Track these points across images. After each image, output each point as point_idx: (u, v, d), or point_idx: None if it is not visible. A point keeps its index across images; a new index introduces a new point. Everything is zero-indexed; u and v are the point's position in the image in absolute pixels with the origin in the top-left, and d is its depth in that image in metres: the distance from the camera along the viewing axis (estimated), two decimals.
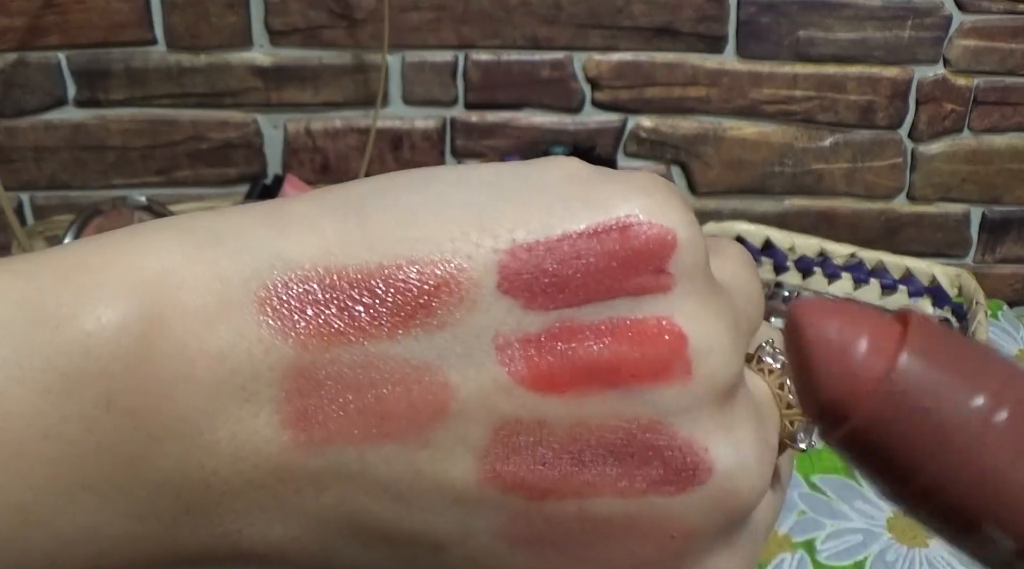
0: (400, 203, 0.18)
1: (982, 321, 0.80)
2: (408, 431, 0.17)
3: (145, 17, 0.88)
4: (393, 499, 0.17)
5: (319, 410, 0.17)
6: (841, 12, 0.90)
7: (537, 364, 0.17)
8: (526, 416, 0.17)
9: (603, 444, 0.18)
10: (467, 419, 0.17)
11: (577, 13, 0.89)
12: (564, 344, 0.17)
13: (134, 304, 0.16)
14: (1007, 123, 0.95)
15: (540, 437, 0.17)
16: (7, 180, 0.90)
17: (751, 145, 0.95)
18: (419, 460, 0.17)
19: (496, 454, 0.17)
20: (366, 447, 0.17)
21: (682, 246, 0.18)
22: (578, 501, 0.18)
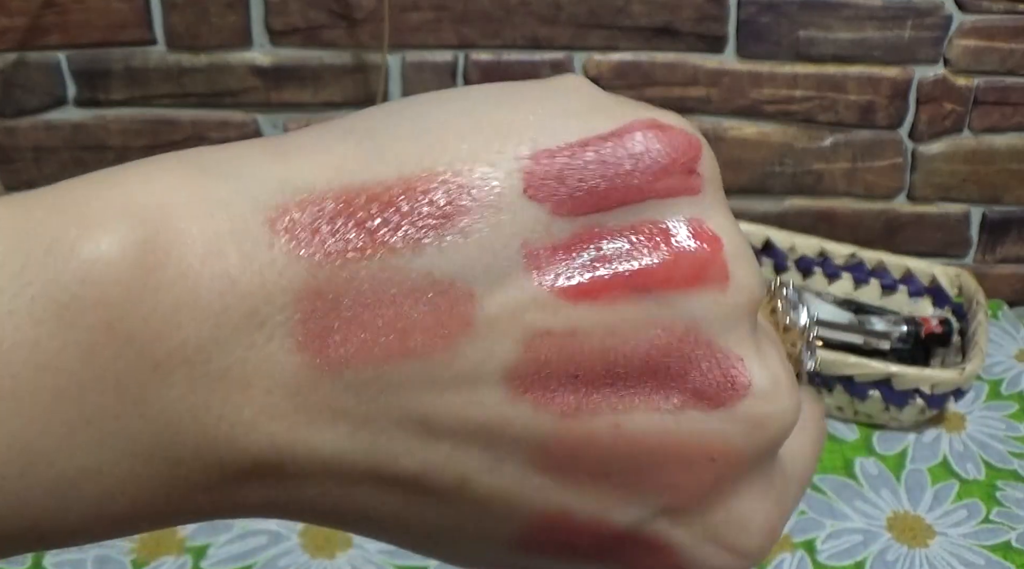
0: (412, 121, 0.17)
1: (982, 321, 0.80)
2: (432, 347, 0.16)
3: (145, 17, 0.88)
4: (416, 427, 0.16)
5: (337, 330, 0.16)
6: (841, 12, 0.90)
7: (567, 271, 0.16)
8: (557, 327, 0.16)
9: (638, 355, 0.17)
10: (495, 332, 0.16)
11: (577, 13, 0.89)
12: (595, 250, 0.17)
13: (133, 231, 0.15)
14: (1007, 123, 0.95)
15: (572, 350, 0.16)
16: (7, 180, 0.90)
17: (751, 145, 0.95)
18: (444, 380, 0.16)
19: (526, 370, 0.16)
20: (387, 367, 0.16)
21: (706, 150, 0.18)
22: (613, 418, 0.17)
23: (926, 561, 0.66)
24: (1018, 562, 0.67)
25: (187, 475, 0.16)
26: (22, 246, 0.15)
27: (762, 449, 0.18)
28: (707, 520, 0.18)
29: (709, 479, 0.18)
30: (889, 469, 0.74)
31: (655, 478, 0.17)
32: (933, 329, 0.82)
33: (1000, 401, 0.84)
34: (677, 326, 0.17)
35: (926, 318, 0.83)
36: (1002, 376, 0.87)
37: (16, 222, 0.15)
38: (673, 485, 0.17)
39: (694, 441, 0.17)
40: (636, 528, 0.18)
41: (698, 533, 0.18)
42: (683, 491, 0.18)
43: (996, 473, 0.75)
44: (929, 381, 0.73)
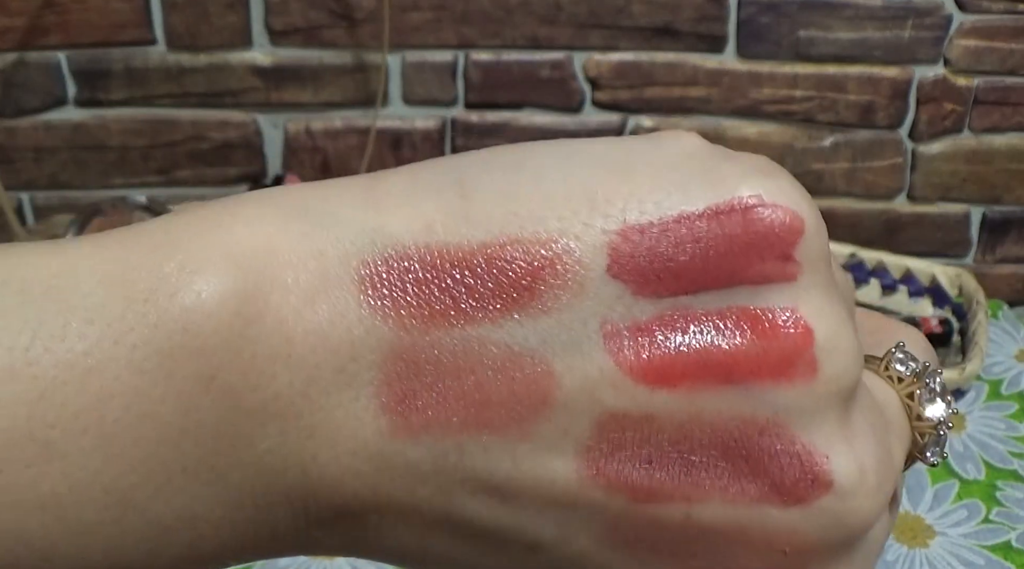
0: (504, 178, 0.17)
1: (982, 321, 0.80)
2: (509, 421, 0.16)
3: (145, 17, 0.88)
4: (491, 494, 0.16)
5: (418, 395, 0.16)
6: (841, 12, 0.90)
7: (648, 354, 0.16)
8: (634, 410, 0.16)
9: (715, 445, 0.16)
10: (571, 411, 0.16)
11: (577, 13, 0.89)
12: (678, 334, 0.16)
13: (232, 278, 0.16)
14: (1007, 123, 0.95)
15: (648, 434, 0.16)
16: (7, 180, 0.90)
17: (751, 145, 0.95)
18: (519, 453, 0.16)
19: (600, 450, 0.16)
20: (465, 437, 0.16)
21: (809, 232, 0.17)
22: (685, 506, 0.16)
23: (926, 561, 0.66)
24: (1018, 562, 0.67)
25: (275, 521, 0.16)
26: (121, 291, 0.15)
27: (839, 543, 0.17)
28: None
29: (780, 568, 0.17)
30: None
31: (724, 564, 0.17)
32: (933, 329, 0.82)
33: (1000, 401, 0.84)
34: (759, 418, 0.16)
35: (926, 318, 0.83)
36: (1002, 376, 0.87)
37: (114, 266, 0.15)
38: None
39: (767, 535, 0.17)
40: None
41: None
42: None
43: (996, 473, 0.75)
44: None
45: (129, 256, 0.16)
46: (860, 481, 0.17)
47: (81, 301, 0.15)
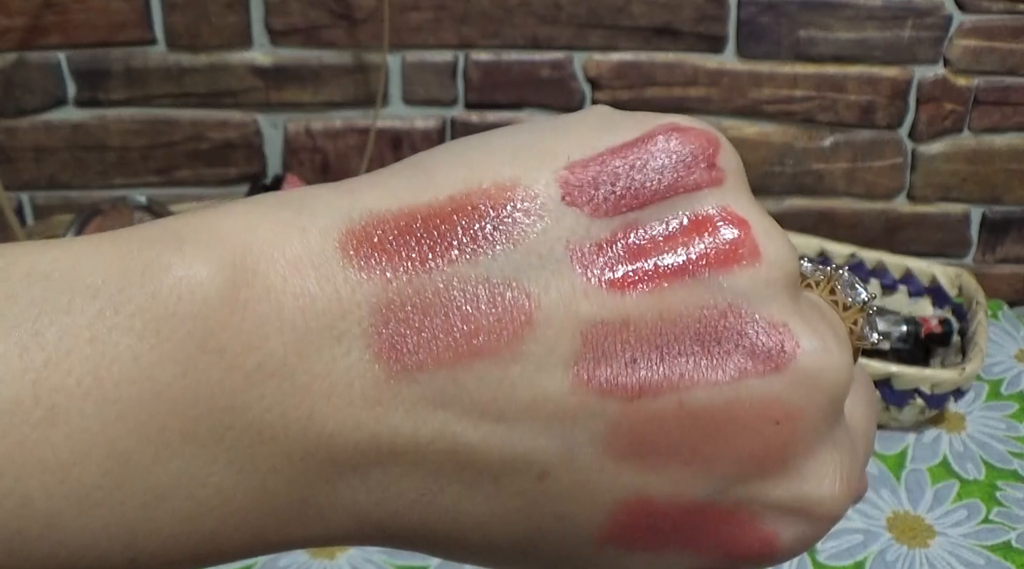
0: (458, 152, 0.20)
1: (982, 321, 0.80)
2: (498, 346, 0.17)
3: (145, 17, 0.88)
4: (492, 422, 0.17)
5: (408, 339, 0.17)
6: (841, 12, 0.90)
7: (612, 265, 0.18)
8: (610, 317, 0.18)
9: (688, 335, 0.18)
10: (554, 327, 0.18)
11: (577, 13, 0.89)
12: (635, 244, 0.18)
13: (222, 254, 0.17)
14: (1007, 123, 0.95)
15: (627, 337, 0.18)
16: (7, 180, 0.90)
17: (751, 145, 0.95)
18: (512, 375, 0.17)
19: (587, 359, 0.18)
20: (458, 369, 0.17)
21: (724, 146, 0.20)
22: (675, 395, 0.18)
23: (926, 561, 0.66)
24: (1018, 562, 0.67)
25: (276, 488, 0.17)
26: (120, 270, 0.16)
27: (823, 405, 0.19)
28: (782, 484, 0.19)
29: (778, 443, 0.19)
30: (889, 469, 0.74)
31: (725, 448, 0.18)
32: (933, 329, 0.82)
33: (1000, 401, 0.84)
34: (720, 304, 0.18)
35: (926, 318, 0.83)
36: (1002, 376, 0.87)
37: (112, 249, 0.17)
38: (744, 453, 0.18)
39: (756, 406, 0.18)
40: (714, 500, 0.18)
41: (775, 497, 0.19)
42: (754, 458, 0.18)
43: (996, 473, 0.75)
44: (929, 381, 0.73)
45: (126, 243, 0.17)
46: (822, 344, 0.19)
47: (83, 280, 0.16)
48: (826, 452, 0.19)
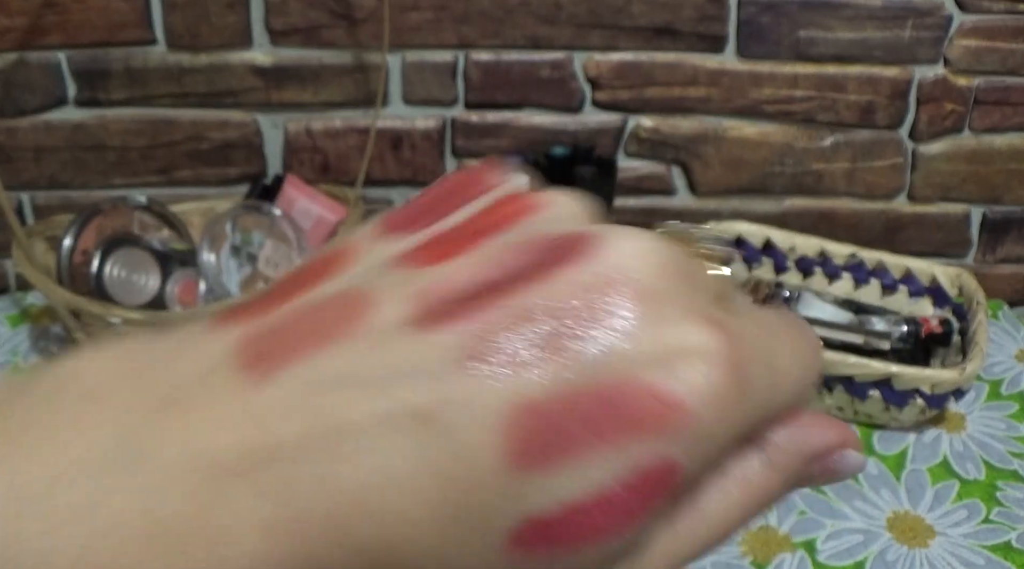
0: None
1: (982, 321, 0.80)
2: (338, 325, 0.19)
3: (145, 17, 0.88)
4: (358, 389, 0.17)
5: (265, 344, 0.18)
6: (841, 12, 0.90)
7: (426, 251, 0.20)
8: (433, 286, 0.19)
9: (505, 275, 0.19)
10: (387, 301, 0.19)
11: (577, 13, 0.89)
12: (442, 234, 0.20)
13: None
14: (1007, 123, 0.95)
15: (454, 293, 0.19)
16: (7, 180, 0.90)
17: (751, 145, 0.95)
18: (360, 350, 0.18)
19: (421, 314, 0.19)
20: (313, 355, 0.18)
21: (504, 168, 0.22)
22: (520, 299, 0.19)
23: (926, 561, 0.66)
24: (1018, 562, 0.66)
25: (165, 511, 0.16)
26: None
27: (656, 274, 0.19)
28: (646, 338, 0.18)
29: (628, 309, 0.18)
30: (889, 469, 0.74)
31: (582, 344, 0.18)
32: (933, 329, 0.82)
33: (1000, 401, 0.84)
34: (524, 244, 0.19)
35: (926, 318, 0.83)
36: (1002, 376, 0.87)
37: None
38: (603, 331, 0.18)
39: (582, 292, 0.18)
40: (589, 380, 0.18)
41: (646, 352, 0.18)
42: (615, 334, 0.18)
43: (996, 473, 0.75)
44: (929, 381, 0.73)
45: None
46: (627, 231, 0.19)
47: None
48: (688, 308, 0.19)
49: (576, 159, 0.83)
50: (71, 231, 0.77)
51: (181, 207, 0.88)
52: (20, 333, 0.89)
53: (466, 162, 0.95)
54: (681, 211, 0.98)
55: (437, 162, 0.95)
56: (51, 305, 0.77)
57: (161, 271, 0.80)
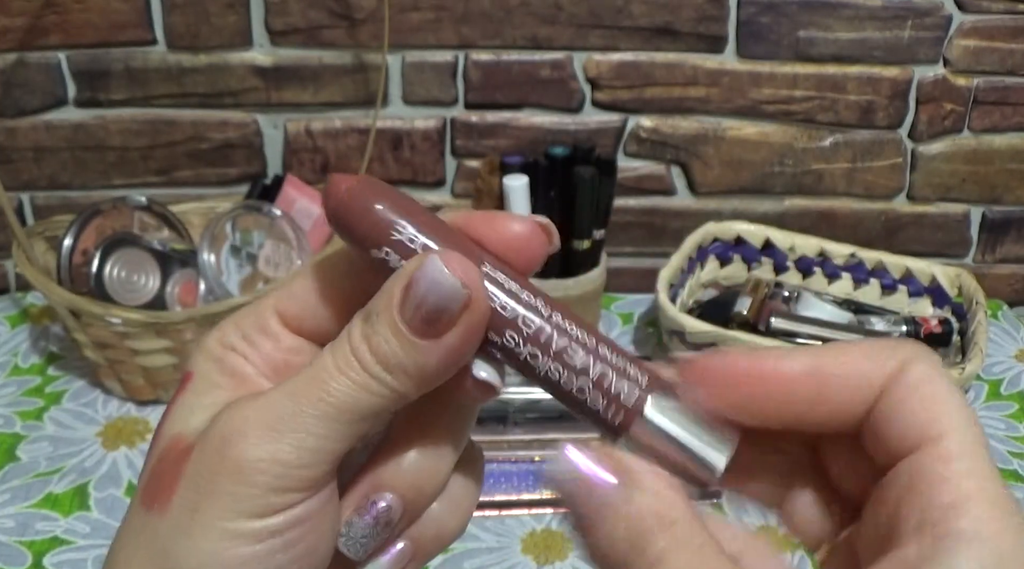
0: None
1: (982, 321, 0.80)
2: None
3: (145, 17, 0.88)
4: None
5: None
6: (841, 12, 0.90)
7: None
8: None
9: None
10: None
11: (577, 13, 0.89)
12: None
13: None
14: (1007, 123, 0.95)
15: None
16: (7, 180, 0.90)
17: (751, 145, 0.95)
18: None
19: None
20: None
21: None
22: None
23: None
24: None
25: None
26: None
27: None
28: None
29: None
30: None
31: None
32: (933, 329, 0.82)
33: (1000, 401, 0.84)
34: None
35: (926, 318, 0.83)
36: (1002, 376, 0.87)
37: None
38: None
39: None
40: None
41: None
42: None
43: None
44: None
45: None
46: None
47: None
48: None
49: (576, 159, 0.83)
50: (71, 231, 0.77)
51: (181, 207, 0.88)
52: (20, 333, 0.89)
53: (466, 162, 0.95)
54: (681, 211, 0.98)
55: (437, 162, 0.95)
56: (51, 305, 0.77)
57: (161, 271, 0.80)
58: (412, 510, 0.25)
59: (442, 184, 0.96)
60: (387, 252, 0.23)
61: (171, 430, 0.24)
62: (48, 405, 0.80)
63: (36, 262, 0.77)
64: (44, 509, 0.69)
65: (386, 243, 0.23)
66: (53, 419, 0.78)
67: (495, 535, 0.68)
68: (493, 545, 0.67)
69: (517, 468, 0.71)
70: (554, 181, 0.83)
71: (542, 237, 0.25)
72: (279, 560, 0.23)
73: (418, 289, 0.22)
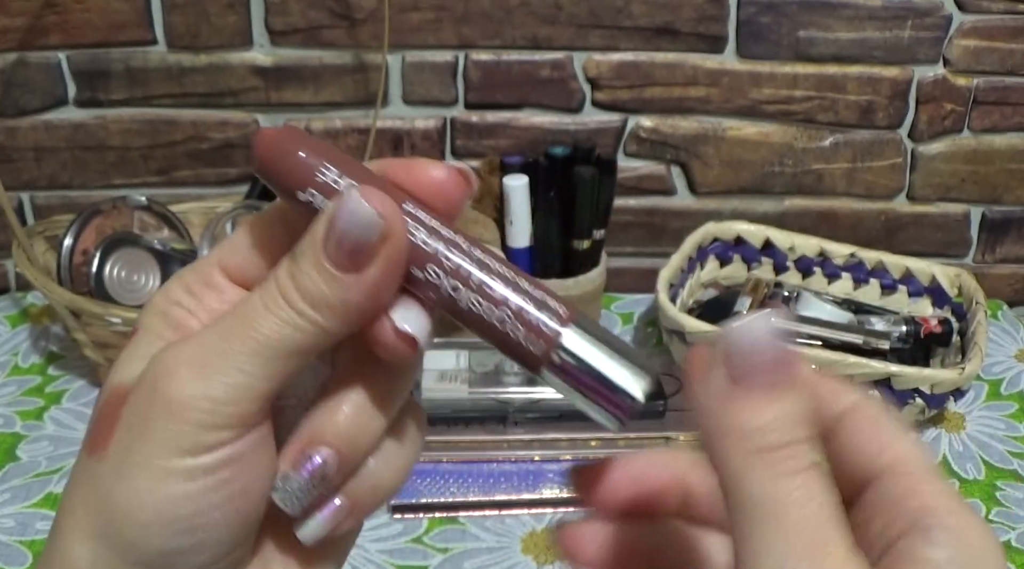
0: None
1: (982, 321, 0.80)
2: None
3: (145, 17, 0.88)
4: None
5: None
6: (841, 12, 0.90)
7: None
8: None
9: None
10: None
11: (577, 13, 0.89)
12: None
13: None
14: (1007, 123, 0.95)
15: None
16: (7, 180, 0.90)
17: (751, 145, 0.95)
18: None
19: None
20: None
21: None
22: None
23: None
24: (1018, 562, 0.67)
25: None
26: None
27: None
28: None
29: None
30: None
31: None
32: (933, 329, 0.82)
33: (1000, 401, 0.84)
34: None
35: (926, 318, 0.83)
36: (1002, 376, 0.87)
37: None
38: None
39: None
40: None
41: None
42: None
43: (996, 473, 0.75)
44: (929, 381, 0.73)
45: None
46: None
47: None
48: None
49: (576, 159, 0.83)
50: (71, 231, 0.77)
51: (181, 207, 0.88)
52: (20, 333, 0.89)
53: (466, 162, 0.95)
54: (681, 211, 0.98)
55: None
56: (51, 305, 0.77)
57: (161, 271, 0.80)
58: (347, 465, 0.25)
59: None
60: (312, 193, 0.24)
61: (113, 380, 0.25)
62: (48, 405, 0.80)
63: (36, 262, 0.77)
64: (44, 509, 0.69)
65: (311, 184, 0.24)
66: (53, 419, 0.78)
67: (495, 535, 0.68)
68: (493, 545, 0.67)
69: (517, 468, 0.71)
70: (554, 181, 0.83)
71: (461, 182, 0.26)
72: (212, 498, 0.23)
73: (338, 224, 0.23)
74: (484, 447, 0.72)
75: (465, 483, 0.70)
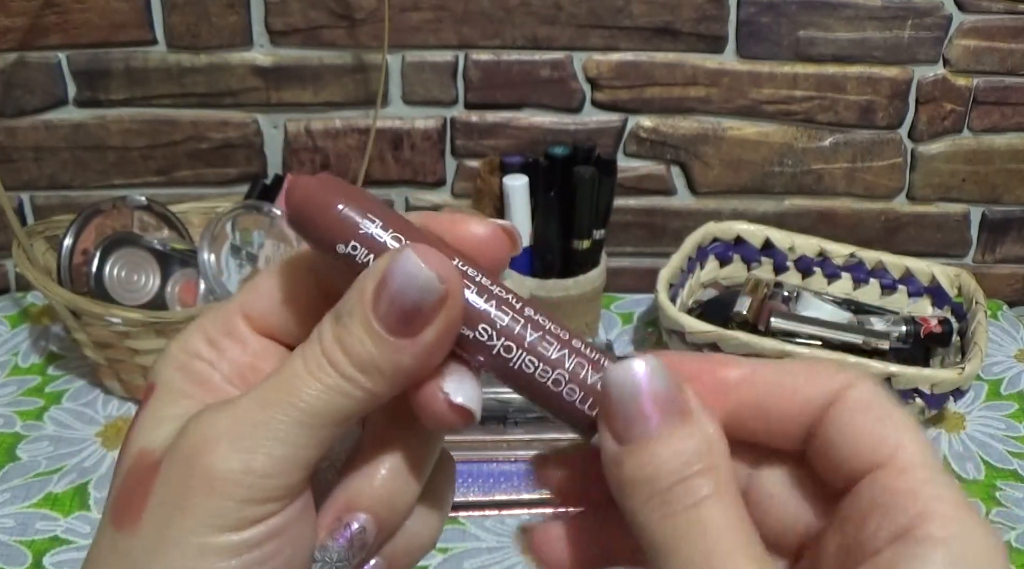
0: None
1: (981, 321, 0.80)
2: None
3: (145, 17, 0.88)
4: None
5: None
6: (841, 12, 0.90)
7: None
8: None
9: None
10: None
11: (577, 13, 0.89)
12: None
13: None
14: (1007, 123, 0.95)
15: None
16: (7, 180, 0.90)
17: (751, 145, 0.95)
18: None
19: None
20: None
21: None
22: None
23: None
24: (1018, 562, 0.67)
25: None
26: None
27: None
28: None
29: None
30: None
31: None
32: (933, 329, 0.82)
33: (1000, 401, 0.84)
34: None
35: (926, 318, 0.83)
36: (1002, 376, 0.87)
37: None
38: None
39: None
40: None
41: None
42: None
43: (996, 473, 0.75)
44: (929, 381, 0.73)
45: None
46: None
47: None
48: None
49: (576, 159, 0.83)
50: (71, 231, 0.77)
51: (181, 207, 0.88)
52: (20, 333, 0.89)
53: (466, 162, 0.95)
54: (681, 211, 0.98)
55: (437, 162, 0.95)
56: (51, 305, 0.77)
57: (161, 271, 0.80)
58: (385, 529, 0.24)
59: (442, 184, 0.96)
60: (355, 246, 0.23)
61: (137, 445, 0.23)
62: (48, 405, 0.80)
63: (36, 262, 0.77)
64: (44, 509, 0.69)
65: (354, 237, 0.23)
66: (53, 419, 0.78)
67: (495, 535, 0.68)
68: (493, 545, 0.67)
69: (517, 468, 0.71)
70: (554, 181, 0.83)
71: (505, 239, 0.25)
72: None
73: (392, 284, 0.22)
74: (484, 447, 0.72)
75: (465, 483, 0.70)
